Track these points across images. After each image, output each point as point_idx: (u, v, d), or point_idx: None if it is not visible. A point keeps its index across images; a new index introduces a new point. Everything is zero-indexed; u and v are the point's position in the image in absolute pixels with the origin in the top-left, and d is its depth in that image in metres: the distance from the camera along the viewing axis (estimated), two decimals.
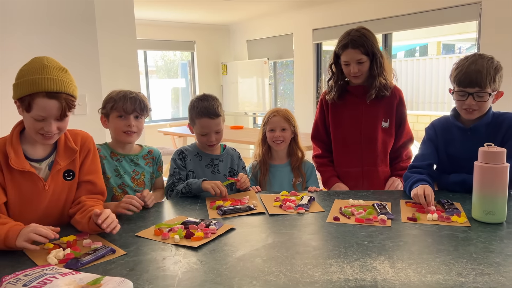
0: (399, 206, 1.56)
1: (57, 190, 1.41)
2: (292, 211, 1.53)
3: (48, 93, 1.27)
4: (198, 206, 1.64)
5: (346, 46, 1.84)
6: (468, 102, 1.58)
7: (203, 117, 1.83)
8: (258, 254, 1.16)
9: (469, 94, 1.57)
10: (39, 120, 1.30)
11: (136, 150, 1.81)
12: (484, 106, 1.60)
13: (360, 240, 1.24)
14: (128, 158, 1.75)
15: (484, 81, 1.53)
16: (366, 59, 1.85)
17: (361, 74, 1.87)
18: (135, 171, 1.75)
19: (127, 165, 1.74)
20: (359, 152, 1.96)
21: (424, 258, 1.11)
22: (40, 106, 1.28)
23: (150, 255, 1.18)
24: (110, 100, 1.71)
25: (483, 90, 1.56)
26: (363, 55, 1.83)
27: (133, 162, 1.76)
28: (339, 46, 1.88)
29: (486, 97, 1.57)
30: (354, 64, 1.85)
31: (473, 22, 4.48)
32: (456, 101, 1.64)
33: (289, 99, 7.44)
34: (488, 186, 1.35)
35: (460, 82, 1.58)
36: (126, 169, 1.73)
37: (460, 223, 1.35)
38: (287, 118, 2.01)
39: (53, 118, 1.30)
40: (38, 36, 2.28)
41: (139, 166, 1.77)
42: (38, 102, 1.27)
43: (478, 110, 1.60)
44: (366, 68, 1.87)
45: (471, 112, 1.61)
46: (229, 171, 1.94)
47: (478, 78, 1.53)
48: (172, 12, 6.02)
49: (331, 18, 5.78)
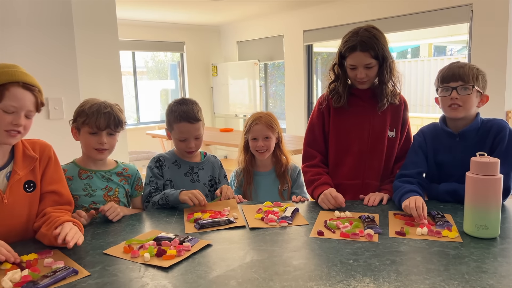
0: (387, 219, 1.48)
1: (18, 203, 1.31)
2: (275, 224, 1.44)
3: (25, 84, 1.27)
4: (175, 219, 1.55)
5: (354, 48, 1.63)
6: (452, 95, 1.55)
7: (181, 121, 1.73)
8: (234, 275, 1.07)
9: (453, 88, 1.56)
10: (9, 112, 1.25)
11: (110, 165, 1.69)
12: (468, 101, 1.55)
13: (345, 258, 1.15)
14: (99, 173, 1.63)
15: (467, 75, 1.54)
16: (375, 63, 1.65)
17: (368, 79, 1.68)
18: (108, 187, 1.62)
19: (98, 182, 1.62)
20: (362, 163, 1.76)
21: (412, 279, 1.02)
22: (14, 96, 1.25)
23: (116, 276, 1.08)
24: (82, 113, 1.58)
25: (466, 84, 1.54)
26: (372, 59, 1.63)
27: (105, 178, 1.63)
28: (345, 47, 1.66)
29: (469, 90, 1.54)
30: (362, 69, 1.65)
31: (465, 24, 4.44)
32: (441, 100, 1.61)
33: (281, 101, 7.36)
34: (481, 199, 1.27)
35: (443, 78, 1.58)
36: (98, 186, 1.61)
37: (451, 238, 1.27)
38: (270, 125, 1.90)
39: (24, 111, 1.27)
40: (12, 36, 2.17)
41: (112, 182, 1.64)
42: (13, 91, 1.25)
43: (462, 106, 1.56)
44: (374, 73, 1.68)
45: (455, 109, 1.57)
46: (209, 179, 1.84)
47: (461, 72, 1.55)
48: (161, 12, 5.91)
49: (322, 20, 5.71)
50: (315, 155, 1.82)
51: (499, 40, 4.05)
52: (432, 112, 8.78)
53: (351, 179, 1.77)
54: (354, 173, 1.78)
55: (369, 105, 1.76)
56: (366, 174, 1.77)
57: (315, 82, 6.27)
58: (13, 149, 1.35)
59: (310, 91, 6.21)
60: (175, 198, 1.61)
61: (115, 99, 2.61)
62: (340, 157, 1.80)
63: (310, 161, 1.82)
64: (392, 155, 1.80)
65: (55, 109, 2.28)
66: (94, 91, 2.53)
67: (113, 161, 1.72)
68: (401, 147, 1.81)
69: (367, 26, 1.68)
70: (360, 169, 1.77)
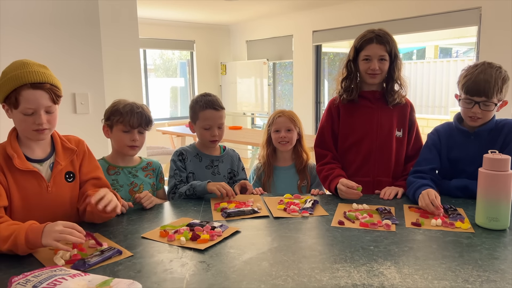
0: (403, 211, 1.57)
1: (60, 192, 1.41)
2: (297, 215, 1.53)
3: (33, 84, 1.28)
4: (202, 208, 1.65)
5: (371, 40, 1.76)
6: (474, 110, 1.61)
7: (207, 108, 1.84)
8: (265, 257, 1.17)
9: (476, 102, 1.60)
10: (29, 114, 1.30)
11: (135, 161, 1.80)
12: (488, 115, 1.63)
13: (366, 245, 1.25)
14: (126, 170, 1.74)
15: (491, 92, 1.57)
16: (387, 58, 1.78)
17: (380, 72, 1.78)
18: (133, 183, 1.73)
19: (125, 178, 1.73)
20: (371, 161, 1.86)
21: (430, 264, 1.12)
22: (27, 98, 1.28)
23: (157, 257, 1.18)
24: (116, 112, 1.69)
25: (489, 100, 1.59)
26: (386, 53, 1.77)
27: (131, 174, 1.74)
28: (361, 41, 1.79)
29: (491, 107, 1.60)
30: (376, 60, 1.76)
31: (471, 27, 4.51)
32: (462, 109, 1.67)
33: (287, 100, 7.45)
34: (492, 193, 1.36)
35: (468, 91, 1.61)
36: (124, 181, 1.72)
37: (464, 229, 1.36)
38: (293, 119, 2.01)
39: (42, 109, 1.31)
40: (41, 36, 2.27)
41: (138, 178, 1.75)
42: (24, 95, 1.28)
43: (482, 118, 1.63)
44: (385, 68, 1.79)
45: (475, 120, 1.64)
46: (228, 172, 1.95)
47: (486, 88, 1.56)
48: (173, 11, 6.01)
49: (331, 20, 5.80)
50: (326, 154, 1.92)
51: (508, 43, 4.12)
52: (438, 114, 8.84)
53: (362, 177, 1.85)
54: (364, 170, 1.87)
55: (377, 106, 1.86)
56: (377, 171, 1.87)
57: (322, 82, 6.36)
58: (53, 142, 1.45)
59: (318, 91, 6.30)
60: (202, 189, 1.71)
61: (135, 94, 2.73)
62: (350, 156, 1.90)
63: (322, 160, 1.93)
64: (401, 154, 1.89)
65: (82, 104, 2.38)
66: (116, 87, 2.64)
67: (137, 157, 1.83)
68: (412, 147, 1.91)
69: (380, 28, 1.82)
70: (370, 166, 1.87)
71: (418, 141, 1.94)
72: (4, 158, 1.33)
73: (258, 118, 7.65)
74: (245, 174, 2.01)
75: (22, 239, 1.14)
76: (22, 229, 1.16)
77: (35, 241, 1.14)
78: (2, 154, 1.33)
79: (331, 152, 1.92)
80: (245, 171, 2.03)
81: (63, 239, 1.14)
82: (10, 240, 1.15)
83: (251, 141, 4.93)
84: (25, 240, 1.14)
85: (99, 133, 1.78)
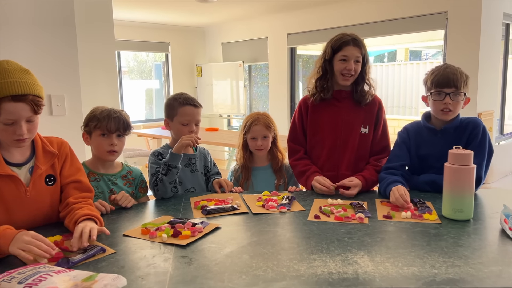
0: (375, 205, 1.65)
1: (40, 196, 1.40)
2: (275, 210, 1.59)
3: (14, 96, 1.25)
4: (182, 206, 1.68)
5: (348, 43, 1.87)
6: (445, 101, 1.71)
7: (187, 105, 1.88)
8: (245, 251, 1.21)
9: (446, 94, 1.71)
10: (9, 124, 1.28)
11: (116, 168, 1.81)
12: (458, 106, 1.74)
13: (341, 237, 1.31)
14: (106, 177, 1.75)
15: (459, 82, 1.70)
16: (361, 60, 1.90)
17: (354, 73, 1.90)
18: (113, 191, 1.74)
19: (104, 185, 1.74)
20: (335, 156, 1.96)
21: (400, 252, 1.19)
22: (8, 111, 1.25)
23: (140, 253, 1.21)
24: (93, 118, 1.71)
25: (458, 90, 1.70)
26: (360, 55, 1.88)
27: (111, 181, 1.75)
28: (339, 42, 1.89)
29: (461, 97, 1.72)
30: (352, 61, 1.87)
31: (440, 31, 4.71)
32: (433, 102, 1.76)
33: (263, 102, 7.53)
34: (457, 186, 1.45)
35: (438, 83, 1.72)
36: (103, 189, 1.73)
37: (431, 220, 1.45)
38: (268, 125, 2.06)
39: (23, 120, 1.29)
40: (16, 36, 2.24)
41: (117, 186, 1.76)
42: (5, 107, 1.25)
43: (453, 111, 1.73)
44: (359, 69, 1.91)
45: (447, 113, 1.74)
46: (204, 168, 2.01)
47: (454, 79, 1.70)
48: (147, 13, 5.99)
49: (305, 23, 5.91)
50: (298, 149, 2.04)
51: (472, 46, 4.32)
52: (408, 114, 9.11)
53: (327, 171, 1.95)
54: (329, 165, 1.98)
55: (343, 104, 1.97)
56: (340, 166, 1.96)
57: (297, 83, 6.46)
58: (33, 145, 1.43)
59: (293, 92, 6.40)
60: (171, 154, 1.76)
61: (111, 96, 2.73)
62: (316, 151, 2.01)
63: (296, 155, 2.03)
64: (365, 149, 1.98)
65: (58, 105, 2.36)
66: (93, 88, 2.63)
67: (119, 163, 1.85)
68: (377, 143, 2.00)
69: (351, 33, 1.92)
70: (333, 161, 1.97)
71: (385, 138, 2.02)
72: None
73: (234, 119, 7.70)
74: (217, 168, 2.08)
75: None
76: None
77: (4, 247, 1.14)
78: None
79: (303, 147, 2.04)
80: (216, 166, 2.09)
81: (28, 249, 1.12)
82: None
83: (227, 142, 4.96)
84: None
85: (76, 135, 1.79)
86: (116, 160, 1.81)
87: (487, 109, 4.59)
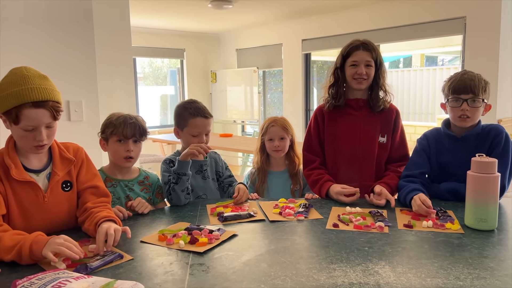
0: (395, 214, 1.62)
1: (57, 202, 1.41)
2: (292, 218, 1.57)
3: (35, 102, 1.26)
4: (199, 213, 1.67)
5: (358, 47, 1.86)
6: (463, 108, 1.67)
7: (197, 116, 1.86)
8: (263, 259, 1.20)
9: (464, 100, 1.67)
10: (29, 130, 1.29)
11: (133, 174, 1.81)
12: (476, 113, 1.69)
13: (360, 246, 1.28)
14: (123, 183, 1.76)
15: (477, 88, 1.65)
16: (373, 64, 1.86)
17: (367, 78, 1.86)
18: (129, 197, 1.74)
19: (120, 191, 1.74)
20: (357, 166, 1.92)
21: (422, 263, 1.16)
22: (28, 117, 1.26)
23: (157, 260, 1.20)
24: (109, 125, 1.72)
25: (476, 97, 1.66)
26: (372, 59, 1.85)
27: (127, 187, 1.76)
28: (348, 48, 1.88)
29: (479, 103, 1.67)
30: (363, 66, 1.84)
31: (456, 36, 4.64)
32: (451, 109, 1.72)
33: (277, 108, 7.51)
34: (481, 194, 1.41)
35: (455, 90, 1.68)
36: (120, 195, 1.73)
37: (454, 230, 1.41)
38: (285, 127, 2.06)
39: (43, 126, 1.30)
40: (35, 41, 2.28)
41: (133, 192, 1.76)
42: (26, 113, 1.26)
43: (471, 118, 1.69)
44: (372, 74, 1.87)
45: (464, 120, 1.69)
46: (216, 174, 1.99)
47: (472, 85, 1.66)
48: (163, 19, 6.05)
49: (320, 29, 5.89)
50: (314, 159, 1.98)
51: (491, 52, 4.24)
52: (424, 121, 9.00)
53: (347, 181, 1.88)
54: (349, 176, 1.92)
55: (361, 113, 1.93)
56: (361, 176, 1.92)
57: (311, 90, 6.44)
58: (50, 152, 1.44)
59: (307, 98, 6.37)
60: (179, 162, 1.74)
61: (128, 102, 2.75)
62: (335, 162, 1.96)
63: (311, 165, 1.98)
64: (384, 159, 1.94)
65: (76, 111, 2.39)
66: (110, 94, 2.65)
67: (137, 168, 1.85)
68: (396, 150, 1.95)
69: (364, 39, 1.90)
70: (354, 172, 1.92)
71: (403, 145, 1.98)
72: (2, 167, 1.33)
73: (248, 125, 7.70)
74: (230, 171, 2.05)
75: (26, 250, 1.15)
76: (27, 240, 1.17)
77: (38, 253, 1.15)
78: (0, 162, 1.33)
79: (318, 158, 1.98)
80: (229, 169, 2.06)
81: (59, 251, 1.14)
82: (14, 250, 1.15)
83: (241, 148, 4.96)
84: (29, 251, 1.15)
85: (93, 140, 1.79)
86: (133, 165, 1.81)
87: (507, 115, 4.49)
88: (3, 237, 1.19)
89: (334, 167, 1.96)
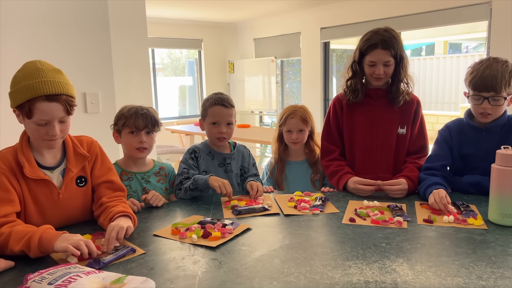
0: (414, 208, 1.57)
1: (72, 198, 1.41)
2: (307, 212, 1.53)
3: (48, 96, 1.24)
4: (213, 206, 1.65)
5: (376, 46, 1.74)
6: (483, 106, 1.59)
7: (216, 105, 1.84)
8: (276, 255, 1.17)
9: (485, 98, 1.59)
10: (42, 125, 1.27)
11: (148, 166, 1.81)
12: (499, 110, 1.62)
13: (378, 242, 1.24)
14: (139, 175, 1.76)
15: (499, 86, 1.55)
16: (393, 62, 1.77)
17: (385, 76, 1.79)
18: (146, 189, 1.74)
19: (137, 183, 1.74)
20: (374, 158, 1.87)
21: (443, 260, 1.11)
22: (41, 110, 1.25)
23: (169, 254, 1.19)
24: (121, 116, 1.72)
25: (498, 95, 1.57)
26: (391, 58, 1.75)
27: (144, 179, 1.76)
28: (366, 44, 1.77)
29: (501, 101, 1.59)
30: (381, 66, 1.76)
31: (481, 22, 4.47)
32: (472, 105, 1.65)
33: (295, 98, 7.44)
34: (506, 189, 1.35)
35: (475, 87, 1.59)
36: (137, 187, 1.73)
37: (476, 226, 1.35)
38: (305, 119, 2.01)
39: (56, 121, 1.28)
40: (51, 35, 2.29)
41: (150, 184, 1.76)
42: (39, 107, 1.24)
43: (492, 114, 1.62)
44: (391, 71, 1.79)
45: (486, 116, 1.62)
46: (240, 169, 1.95)
47: (494, 82, 1.55)
48: (180, 10, 6.03)
49: (339, 17, 5.77)
50: (334, 150, 1.94)
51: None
52: (447, 110, 8.77)
53: (365, 173, 1.83)
54: (366, 167, 1.87)
55: (380, 104, 1.87)
56: (378, 168, 1.86)
57: (331, 79, 6.34)
58: (64, 147, 1.43)
59: (326, 88, 6.28)
60: (204, 182, 1.69)
61: (144, 93, 2.75)
62: (352, 153, 1.91)
63: (330, 155, 1.93)
64: (403, 151, 1.88)
65: (92, 103, 2.40)
66: (126, 86, 2.65)
67: (151, 160, 1.85)
68: (414, 141, 1.89)
69: (386, 27, 1.78)
70: (371, 163, 1.87)
71: (422, 137, 1.91)
72: (17, 164, 1.32)
73: (266, 116, 7.66)
74: (256, 169, 2.01)
75: (35, 242, 1.14)
76: (37, 232, 1.16)
77: (48, 246, 1.14)
78: (15, 159, 1.32)
79: (338, 148, 1.94)
80: (256, 166, 2.02)
81: (78, 246, 1.12)
82: (23, 240, 1.15)
83: (259, 139, 4.93)
84: (38, 243, 1.14)
85: (109, 132, 1.79)
86: (147, 157, 1.80)
87: None
88: (14, 229, 1.20)
89: (351, 158, 1.92)
